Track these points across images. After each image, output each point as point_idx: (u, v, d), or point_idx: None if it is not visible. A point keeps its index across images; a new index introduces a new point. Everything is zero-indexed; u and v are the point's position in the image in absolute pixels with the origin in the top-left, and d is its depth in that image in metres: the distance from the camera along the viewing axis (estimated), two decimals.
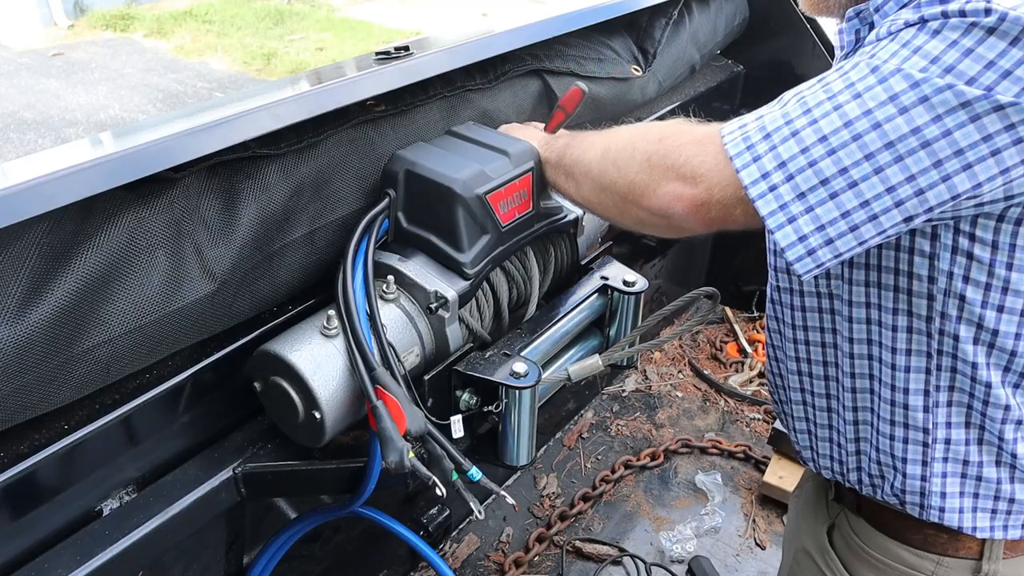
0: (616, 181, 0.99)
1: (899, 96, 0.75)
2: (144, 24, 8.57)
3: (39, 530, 1.06)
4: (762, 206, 0.81)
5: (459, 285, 1.19)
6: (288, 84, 1.28)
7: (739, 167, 0.82)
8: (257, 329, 1.23)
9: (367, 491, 1.19)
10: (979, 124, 0.73)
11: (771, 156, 0.80)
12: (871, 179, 0.77)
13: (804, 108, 0.80)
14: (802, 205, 0.80)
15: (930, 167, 0.75)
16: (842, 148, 0.77)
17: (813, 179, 0.79)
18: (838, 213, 0.79)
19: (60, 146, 1.09)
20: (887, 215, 0.78)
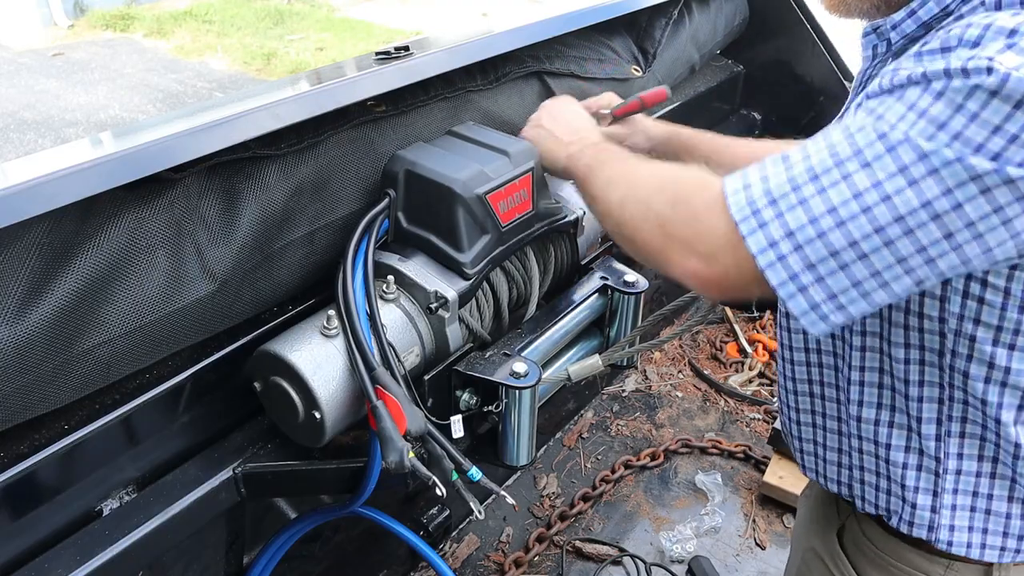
0: (633, 237, 0.97)
1: (908, 168, 0.74)
2: (144, 24, 8.57)
3: (39, 530, 1.06)
4: (772, 275, 0.80)
5: (459, 285, 1.19)
6: (288, 84, 1.28)
7: (745, 233, 0.81)
8: (257, 329, 1.23)
9: (367, 491, 1.19)
10: (989, 196, 0.72)
11: (778, 224, 0.80)
12: (881, 251, 0.76)
13: (811, 174, 0.79)
14: (812, 276, 0.79)
15: (941, 239, 0.75)
16: (851, 220, 0.76)
17: (823, 250, 0.78)
18: (849, 283, 0.79)
19: (60, 146, 1.09)
20: (898, 282, 0.78)
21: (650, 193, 0.96)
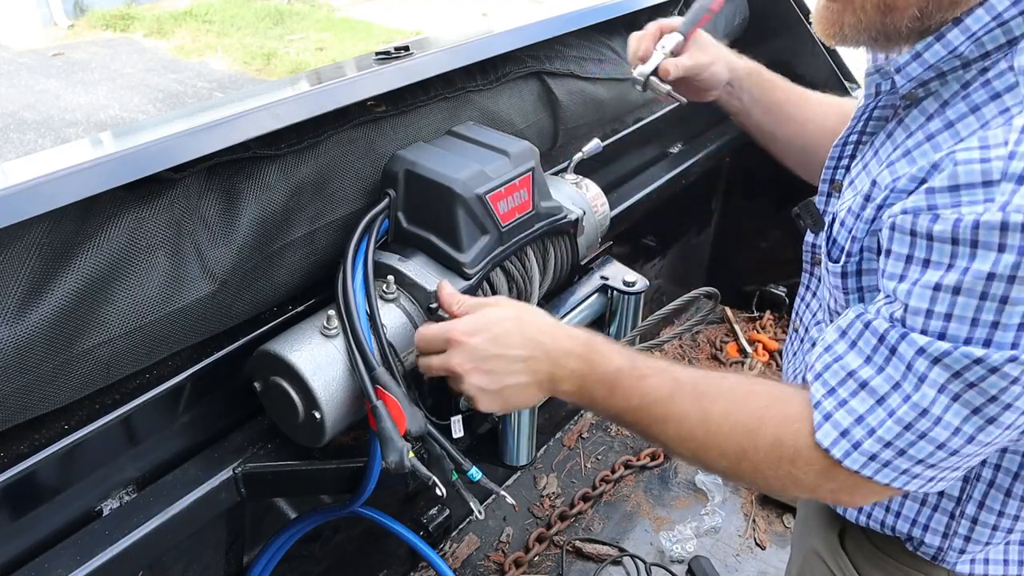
0: (709, 451, 0.92)
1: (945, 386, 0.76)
2: (144, 24, 8.57)
3: (39, 530, 1.06)
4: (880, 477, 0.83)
5: (459, 285, 1.19)
6: (288, 84, 1.28)
7: (873, 475, 0.82)
8: (257, 329, 1.23)
9: (367, 491, 1.19)
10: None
11: (906, 461, 0.81)
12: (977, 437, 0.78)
13: (919, 410, 0.78)
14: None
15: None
16: (979, 432, 0.77)
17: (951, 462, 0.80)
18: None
19: (60, 146, 1.09)
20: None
21: (729, 457, 0.90)
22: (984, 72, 0.79)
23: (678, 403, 0.91)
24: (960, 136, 0.79)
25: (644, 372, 0.93)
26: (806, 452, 0.85)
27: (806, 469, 0.85)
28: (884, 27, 0.82)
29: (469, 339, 0.97)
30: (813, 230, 1.09)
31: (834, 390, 0.83)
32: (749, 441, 0.87)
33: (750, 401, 0.89)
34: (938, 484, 0.84)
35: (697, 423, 0.90)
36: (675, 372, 0.93)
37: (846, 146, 1.02)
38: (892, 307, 0.80)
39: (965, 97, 0.81)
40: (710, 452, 0.90)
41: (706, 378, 0.92)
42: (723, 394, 0.90)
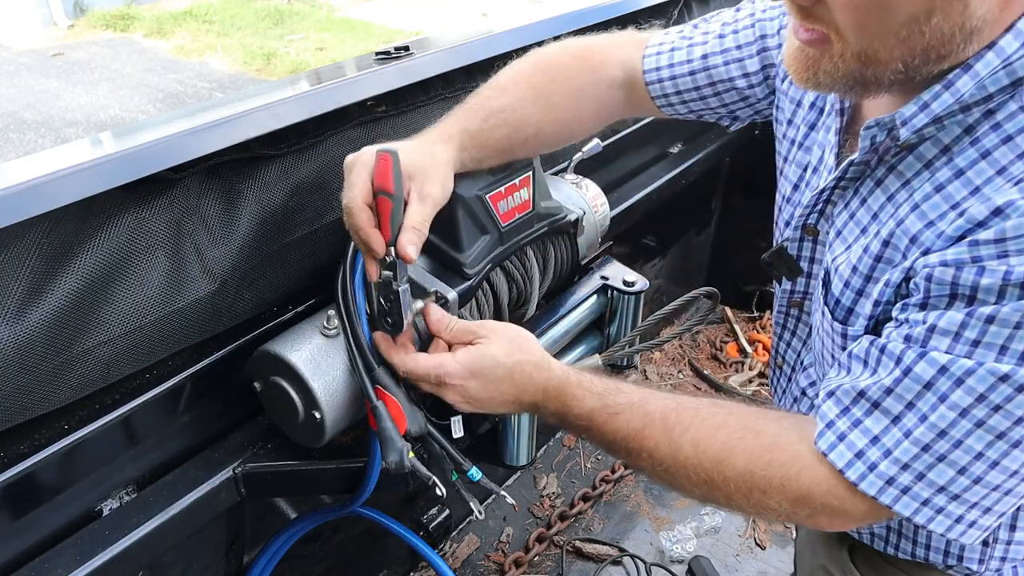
0: (680, 480, 0.93)
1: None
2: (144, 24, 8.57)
3: (39, 530, 1.06)
4: (936, 528, 0.80)
5: (459, 285, 1.19)
6: (288, 84, 1.28)
7: (890, 504, 0.80)
8: (257, 329, 1.23)
9: (367, 491, 1.19)
10: None
11: (924, 486, 0.79)
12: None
13: (937, 431, 0.76)
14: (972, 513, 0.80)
15: None
16: (1004, 458, 0.75)
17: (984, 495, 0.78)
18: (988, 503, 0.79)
19: (60, 146, 1.09)
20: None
21: (711, 463, 0.90)
22: (989, 115, 0.77)
23: (649, 437, 0.92)
24: (975, 184, 0.76)
25: (616, 410, 0.95)
26: (777, 482, 0.85)
27: (779, 498, 0.86)
28: (863, 77, 0.77)
29: (464, 382, 0.99)
30: (789, 277, 1.07)
31: (848, 409, 0.82)
32: (718, 472, 0.88)
33: (720, 432, 0.89)
34: (968, 531, 0.79)
35: (667, 455, 0.91)
36: (648, 405, 0.94)
37: (823, 193, 0.97)
38: (910, 329, 0.78)
39: (974, 143, 0.78)
40: (682, 482, 0.92)
41: (678, 409, 0.93)
42: (693, 424, 0.91)
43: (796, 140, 1.07)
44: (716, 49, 1.16)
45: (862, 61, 0.75)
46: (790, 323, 1.13)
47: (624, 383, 1.00)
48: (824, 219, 0.98)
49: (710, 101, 1.19)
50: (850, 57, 0.76)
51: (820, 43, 0.77)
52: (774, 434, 0.87)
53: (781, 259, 1.06)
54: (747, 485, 0.86)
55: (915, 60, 0.74)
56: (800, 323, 1.11)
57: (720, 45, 1.16)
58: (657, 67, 1.20)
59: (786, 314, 1.13)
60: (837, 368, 0.88)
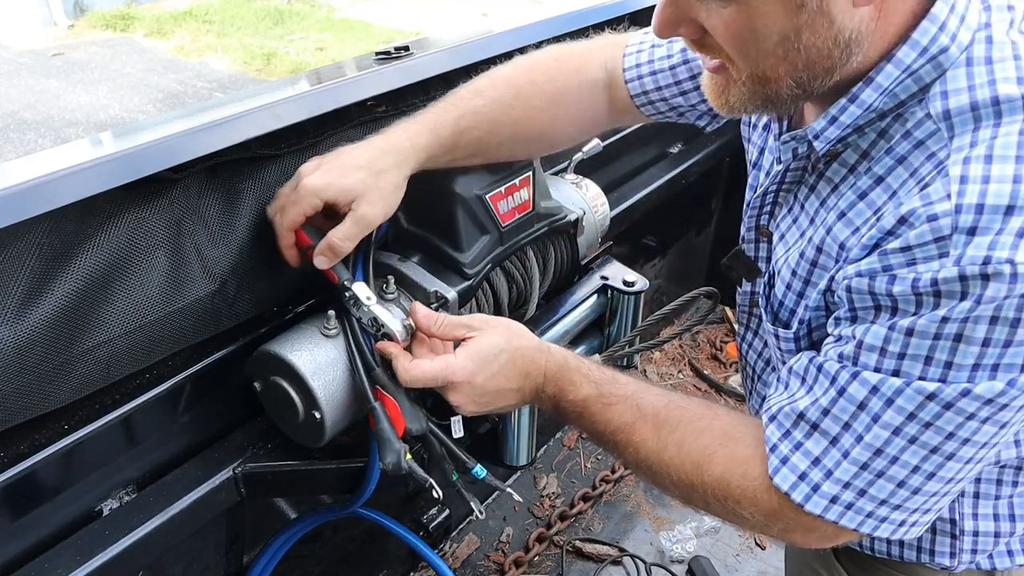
0: (663, 478, 0.95)
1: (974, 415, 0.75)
2: (144, 24, 8.57)
3: (39, 530, 1.06)
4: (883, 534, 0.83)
5: (459, 285, 1.19)
6: (288, 84, 1.28)
7: (836, 520, 0.82)
8: (257, 329, 1.23)
9: (367, 492, 1.19)
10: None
11: (868, 502, 0.81)
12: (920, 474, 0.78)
13: (873, 451, 0.78)
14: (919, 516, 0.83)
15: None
16: (940, 469, 0.78)
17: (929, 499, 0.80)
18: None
19: (60, 146, 1.09)
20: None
21: (669, 463, 0.92)
22: (900, 120, 0.80)
23: (638, 432, 0.93)
24: (893, 189, 0.79)
25: (610, 400, 0.97)
26: (751, 494, 0.86)
27: (752, 510, 0.87)
28: (766, 96, 0.81)
29: (471, 379, 0.99)
30: (749, 279, 1.09)
31: (789, 432, 0.84)
32: (697, 476, 0.89)
33: (703, 436, 0.90)
34: (911, 530, 0.82)
35: (652, 452, 0.92)
36: (641, 400, 0.95)
37: (766, 196, 1.00)
38: (842, 346, 0.80)
39: (888, 150, 0.80)
40: (663, 481, 0.93)
41: (669, 407, 0.94)
42: (681, 425, 0.92)
43: (756, 144, 1.09)
44: None
45: (757, 82, 0.79)
46: (752, 323, 1.14)
47: (621, 374, 1.01)
48: (773, 220, 1.01)
49: (691, 96, 1.19)
50: (747, 79, 0.79)
51: (721, 70, 0.82)
52: (751, 444, 0.88)
53: (739, 261, 1.08)
54: (723, 493, 0.88)
55: (803, 75, 0.78)
56: (762, 323, 1.12)
57: None
58: (637, 64, 1.20)
59: (748, 314, 1.14)
60: (776, 385, 0.90)
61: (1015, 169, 0.68)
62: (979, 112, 0.73)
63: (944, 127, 0.75)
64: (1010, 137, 0.70)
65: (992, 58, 0.75)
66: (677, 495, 0.94)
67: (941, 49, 0.76)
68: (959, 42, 0.76)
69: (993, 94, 0.73)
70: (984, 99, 0.73)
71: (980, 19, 0.77)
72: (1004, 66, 0.74)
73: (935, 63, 0.76)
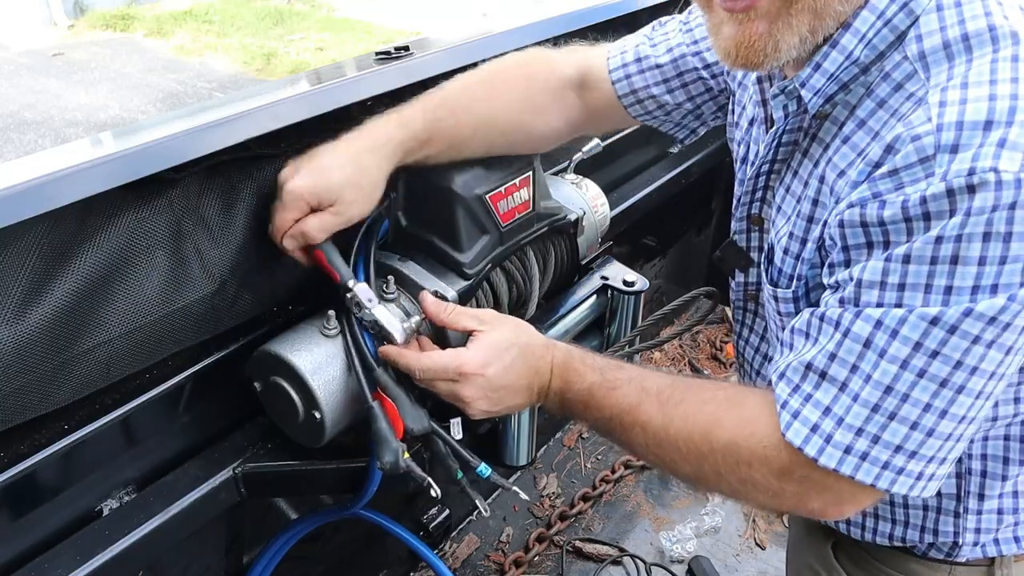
0: (671, 454, 0.93)
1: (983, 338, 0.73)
2: (144, 24, 8.58)
3: (39, 530, 1.06)
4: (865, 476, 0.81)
5: (459, 285, 1.19)
6: (288, 84, 1.28)
7: (851, 473, 0.80)
8: (257, 329, 1.23)
9: (369, 492, 1.19)
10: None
11: (882, 448, 0.79)
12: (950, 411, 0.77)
13: (884, 389, 0.77)
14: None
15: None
16: (953, 412, 0.76)
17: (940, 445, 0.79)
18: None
19: (60, 146, 1.09)
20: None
21: (691, 467, 0.92)
22: (881, 70, 0.81)
23: (644, 410, 0.93)
24: (875, 131, 0.80)
25: (614, 384, 0.96)
26: (761, 453, 0.85)
27: (763, 471, 0.85)
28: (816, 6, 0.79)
29: (483, 371, 0.99)
30: (742, 269, 1.09)
31: (798, 386, 0.83)
32: (706, 443, 0.88)
33: (708, 405, 0.90)
34: (928, 485, 0.80)
35: (659, 428, 0.92)
36: (645, 381, 0.95)
37: (759, 178, 0.99)
38: (842, 292, 0.80)
39: (870, 95, 0.82)
40: (673, 456, 0.92)
41: (673, 384, 0.94)
42: (685, 398, 0.92)
43: (743, 140, 1.09)
44: (681, 41, 1.18)
45: (816, 13, 0.78)
46: (747, 319, 1.14)
47: (624, 362, 1.01)
48: (766, 205, 1.01)
49: (677, 95, 1.20)
50: (807, 13, 0.78)
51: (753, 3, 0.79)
52: (757, 404, 0.87)
53: (732, 251, 1.08)
54: (733, 457, 0.87)
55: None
56: (757, 317, 1.12)
57: (686, 38, 1.18)
58: (623, 64, 1.21)
59: (743, 309, 1.14)
60: (781, 349, 0.89)
61: (990, 89, 0.70)
62: (951, 49, 0.75)
63: (920, 67, 0.77)
64: (983, 66, 0.73)
65: (961, 1, 0.77)
66: (688, 471, 0.92)
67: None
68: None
69: (963, 31, 0.75)
70: (955, 37, 0.75)
71: None
72: (972, 6, 0.76)
73: (907, 10, 0.78)
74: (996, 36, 0.74)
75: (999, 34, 0.73)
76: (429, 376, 1.02)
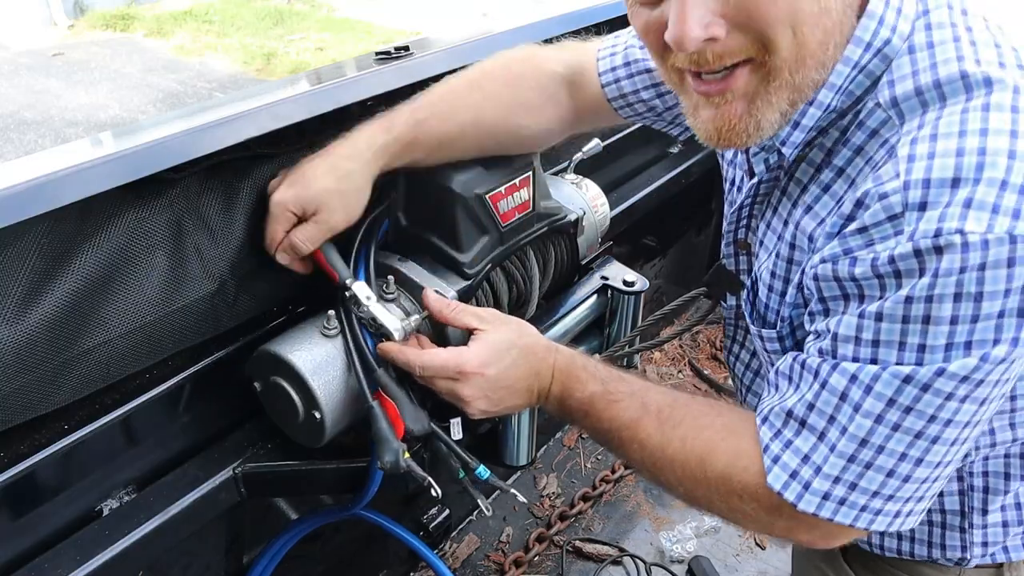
0: (666, 474, 0.95)
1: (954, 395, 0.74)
2: (144, 24, 8.58)
3: (39, 530, 1.06)
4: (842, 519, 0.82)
5: (459, 285, 1.19)
6: (288, 84, 1.28)
7: (831, 517, 0.82)
8: (257, 329, 1.23)
9: (370, 493, 1.19)
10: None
11: (859, 494, 0.80)
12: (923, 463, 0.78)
13: (858, 442, 0.78)
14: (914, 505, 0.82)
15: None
16: (927, 458, 0.77)
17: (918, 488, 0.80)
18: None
19: (60, 146, 1.09)
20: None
21: (683, 485, 0.93)
22: (857, 115, 0.81)
23: (643, 428, 0.94)
24: (852, 178, 0.81)
25: (616, 397, 0.97)
26: (753, 489, 0.85)
27: (754, 505, 0.86)
28: (795, 87, 0.77)
29: (484, 370, 0.99)
30: (732, 292, 1.09)
31: (779, 431, 0.84)
32: (700, 470, 0.89)
33: (706, 431, 0.90)
34: (907, 520, 0.81)
35: (657, 447, 0.92)
36: (646, 397, 0.96)
37: (742, 209, 1.00)
38: (821, 342, 0.80)
39: (846, 142, 0.82)
40: (668, 477, 0.93)
41: (674, 404, 0.94)
42: (685, 421, 0.92)
43: (728, 158, 1.09)
44: None
45: (795, 64, 0.75)
46: (739, 335, 1.14)
47: (626, 373, 1.01)
48: (751, 232, 1.01)
49: (667, 99, 1.19)
50: (786, 59, 0.74)
51: (740, 75, 0.76)
52: (753, 437, 0.88)
53: (721, 276, 1.08)
54: (726, 488, 0.88)
55: (817, 52, 0.75)
56: (748, 334, 1.12)
57: None
58: (612, 67, 1.19)
59: (735, 326, 1.14)
60: (767, 388, 0.90)
61: (958, 143, 0.69)
62: (924, 96, 0.75)
63: (894, 114, 0.77)
64: (953, 116, 0.72)
65: (933, 43, 0.76)
66: (681, 493, 0.94)
67: (884, 42, 0.77)
68: (900, 32, 0.77)
69: (935, 77, 0.74)
70: (927, 83, 0.75)
71: (917, 8, 0.79)
72: (944, 48, 0.75)
73: (881, 56, 0.78)
74: (969, 84, 0.72)
75: (972, 81, 0.72)
76: (429, 373, 1.02)
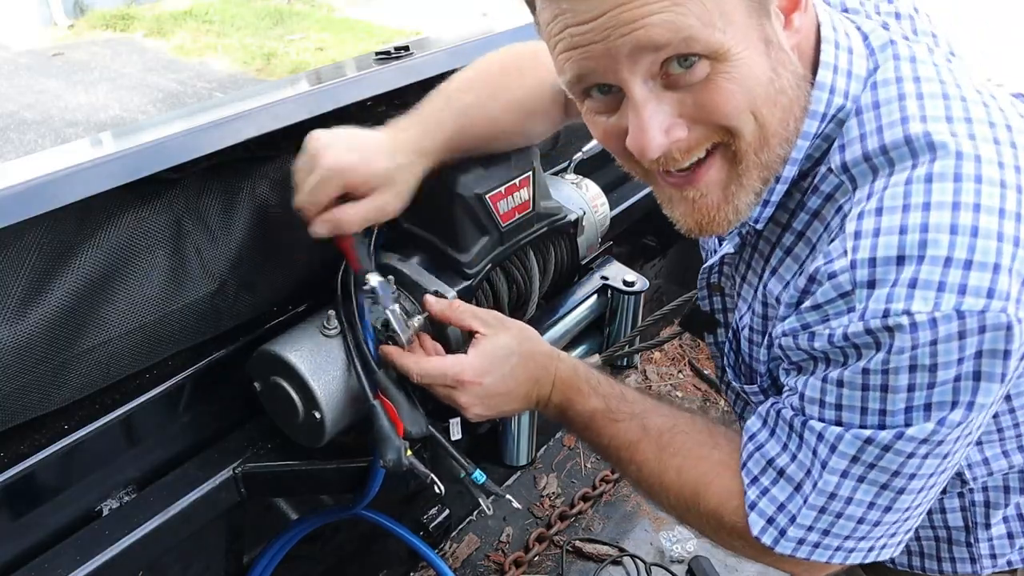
0: (660, 499, 0.97)
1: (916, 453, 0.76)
2: (144, 24, 8.57)
3: (39, 530, 1.06)
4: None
5: (459, 285, 1.19)
6: (288, 84, 1.28)
7: (806, 556, 0.84)
8: (257, 329, 1.23)
9: (371, 492, 1.19)
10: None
11: (834, 539, 0.83)
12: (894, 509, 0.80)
13: (826, 496, 0.80)
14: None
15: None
16: (895, 506, 0.80)
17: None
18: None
19: (60, 146, 1.09)
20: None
21: (663, 476, 0.94)
22: (813, 179, 0.82)
23: (641, 451, 0.95)
24: (812, 242, 0.82)
25: (617, 417, 0.98)
26: (741, 529, 0.87)
27: (741, 543, 0.88)
28: (765, 164, 0.79)
29: (481, 379, 1.00)
30: (710, 331, 1.11)
31: (757, 479, 0.86)
32: (694, 502, 0.91)
33: (702, 464, 0.92)
34: (883, 552, 0.84)
35: (653, 473, 0.94)
36: (647, 419, 0.96)
37: (712, 267, 1.03)
38: (793, 397, 0.82)
39: (803, 206, 0.83)
40: (662, 501, 0.95)
41: (674, 430, 0.95)
42: (682, 450, 0.93)
43: None
44: None
45: (760, 145, 0.76)
46: (729, 360, 1.14)
47: (629, 390, 1.01)
48: (725, 278, 1.03)
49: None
50: (751, 142, 0.76)
51: (709, 165, 0.78)
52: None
53: (697, 316, 1.11)
54: (716, 523, 0.90)
55: (779, 129, 0.77)
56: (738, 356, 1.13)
57: None
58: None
59: (721, 356, 1.15)
60: (747, 429, 0.91)
61: (901, 219, 0.70)
62: (873, 163, 0.75)
63: (846, 179, 0.77)
64: (898, 187, 0.71)
65: (879, 102, 0.76)
66: (675, 516, 0.96)
67: (839, 108, 0.78)
68: (853, 96, 0.78)
69: (881, 143, 0.74)
70: (874, 149, 0.75)
71: (868, 65, 0.79)
72: (890, 109, 0.75)
73: (836, 121, 0.79)
74: (915, 149, 0.72)
75: (917, 147, 0.72)
76: (426, 381, 1.02)
